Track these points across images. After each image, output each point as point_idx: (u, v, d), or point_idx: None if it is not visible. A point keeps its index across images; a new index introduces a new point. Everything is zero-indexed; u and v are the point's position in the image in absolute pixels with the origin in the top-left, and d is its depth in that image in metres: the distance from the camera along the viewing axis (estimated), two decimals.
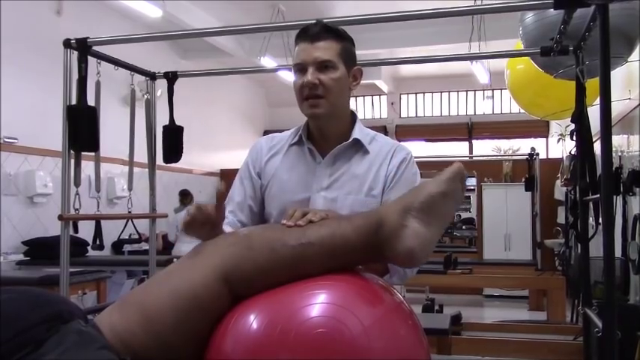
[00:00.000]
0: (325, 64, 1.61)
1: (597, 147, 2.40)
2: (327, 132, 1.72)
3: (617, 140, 4.87)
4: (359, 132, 1.72)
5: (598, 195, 2.35)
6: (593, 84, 2.53)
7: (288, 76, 8.15)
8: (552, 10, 2.53)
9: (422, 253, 1.20)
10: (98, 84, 3.21)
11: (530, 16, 3.16)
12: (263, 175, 1.76)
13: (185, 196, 7.38)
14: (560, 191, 7.59)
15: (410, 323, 1.20)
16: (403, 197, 1.26)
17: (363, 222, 1.23)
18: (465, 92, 11.20)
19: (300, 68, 1.63)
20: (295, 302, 1.12)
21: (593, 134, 2.86)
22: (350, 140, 1.71)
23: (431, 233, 1.21)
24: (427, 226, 1.21)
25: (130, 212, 3.63)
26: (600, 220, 2.24)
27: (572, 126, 3.03)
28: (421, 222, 1.20)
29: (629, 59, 3.22)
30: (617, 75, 4.17)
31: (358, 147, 1.71)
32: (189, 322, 1.13)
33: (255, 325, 1.10)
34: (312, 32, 1.63)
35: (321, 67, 1.61)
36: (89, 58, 3.01)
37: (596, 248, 3.34)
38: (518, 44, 3.77)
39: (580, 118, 2.85)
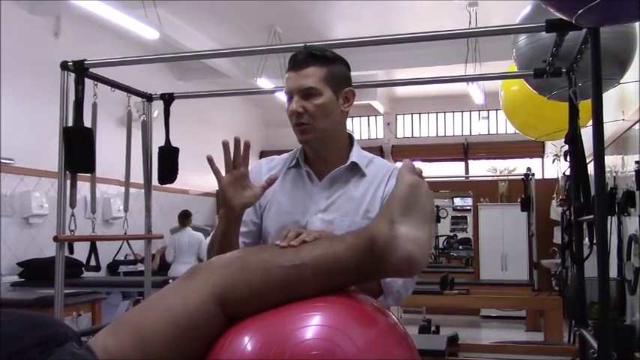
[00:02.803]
0: (308, 92, 1.64)
1: (591, 167, 2.41)
2: (322, 155, 1.73)
3: (612, 160, 4.89)
4: (356, 155, 1.74)
5: (592, 215, 2.36)
6: (586, 105, 2.55)
7: (284, 97, 8.19)
8: (545, 32, 2.56)
9: (421, 256, 1.20)
10: (95, 105, 3.23)
11: (523, 39, 3.20)
12: (262, 196, 1.77)
13: (186, 217, 7.35)
14: (556, 211, 7.61)
15: (404, 345, 1.20)
16: (383, 210, 1.28)
17: (354, 240, 1.23)
18: (460, 113, 11.26)
19: (288, 97, 1.68)
20: (289, 324, 1.12)
21: (587, 155, 2.88)
22: (347, 164, 1.72)
23: (422, 232, 1.22)
24: (415, 227, 1.22)
25: (125, 233, 3.63)
26: (595, 241, 2.25)
27: (567, 146, 3.05)
28: (408, 226, 1.21)
29: (621, 81, 3.25)
30: (610, 96, 4.21)
31: (355, 170, 1.72)
32: (184, 343, 1.13)
33: (249, 347, 1.10)
34: (297, 60, 1.67)
35: (305, 94, 1.64)
36: (86, 79, 3.03)
37: (592, 269, 3.34)
38: (512, 66, 3.81)
39: (573, 139, 2.87)
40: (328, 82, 1.66)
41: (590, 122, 2.25)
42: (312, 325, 1.11)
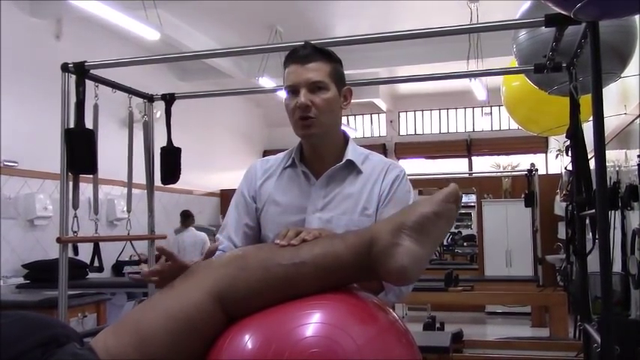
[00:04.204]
0: (317, 85, 1.63)
1: (593, 162, 2.41)
2: (320, 153, 1.73)
3: (615, 155, 4.88)
4: (352, 153, 1.73)
5: (594, 210, 2.36)
6: (587, 100, 2.54)
7: (285, 95, 8.19)
8: (544, 27, 2.55)
9: (414, 271, 1.20)
10: (96, 107, 3.24)
11: (523, 34, 3.19)
12: (258, 198, 1.77)
13: (187, 217, 7.35)
14: (559, 206, 7.59)
15: (404, 341, 1.20)
16: (396, 215, 1.27)
17: (355, 240, 1.23)
18: (463, 109, 11.25)
19: (291, 90, 1.65)
20: (289, 322, 1.12)
21: (588, 150, 2.87)
22: (343, 162, 1.72)
23: (423, 252, 1.21)
24: (419, 244, 1.21)
25: (128, 234, 3.64)
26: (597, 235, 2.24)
27: (569, 141, 3.04)
28: (413, 240, 1.21)
29: (623, 75, 3.24)
30: (612, 89, 4.20)
31: (351, 168, 1.72)
32: (184, 343, 1.14)
33: (249, 346, 1.10)
34: (302, 54, 1.65)
35: (312, 88, 1.63)
36: (87, 81, 3.04)
37: (596, 263, 3.33)
38: (513, 62, 3.80)
39: (575, 133, 2.87)
40: (333, 78, 1.66)
41: (592, 117, 2.24)
42: (312, 322, 1.11)
